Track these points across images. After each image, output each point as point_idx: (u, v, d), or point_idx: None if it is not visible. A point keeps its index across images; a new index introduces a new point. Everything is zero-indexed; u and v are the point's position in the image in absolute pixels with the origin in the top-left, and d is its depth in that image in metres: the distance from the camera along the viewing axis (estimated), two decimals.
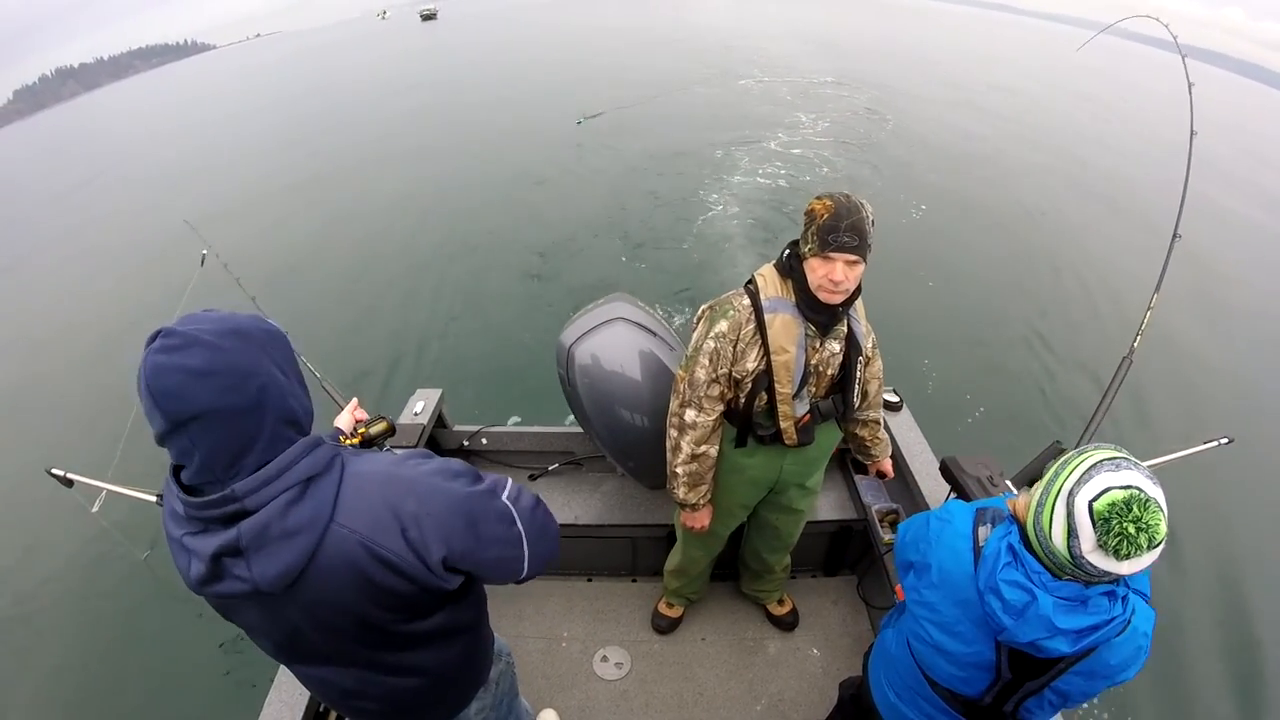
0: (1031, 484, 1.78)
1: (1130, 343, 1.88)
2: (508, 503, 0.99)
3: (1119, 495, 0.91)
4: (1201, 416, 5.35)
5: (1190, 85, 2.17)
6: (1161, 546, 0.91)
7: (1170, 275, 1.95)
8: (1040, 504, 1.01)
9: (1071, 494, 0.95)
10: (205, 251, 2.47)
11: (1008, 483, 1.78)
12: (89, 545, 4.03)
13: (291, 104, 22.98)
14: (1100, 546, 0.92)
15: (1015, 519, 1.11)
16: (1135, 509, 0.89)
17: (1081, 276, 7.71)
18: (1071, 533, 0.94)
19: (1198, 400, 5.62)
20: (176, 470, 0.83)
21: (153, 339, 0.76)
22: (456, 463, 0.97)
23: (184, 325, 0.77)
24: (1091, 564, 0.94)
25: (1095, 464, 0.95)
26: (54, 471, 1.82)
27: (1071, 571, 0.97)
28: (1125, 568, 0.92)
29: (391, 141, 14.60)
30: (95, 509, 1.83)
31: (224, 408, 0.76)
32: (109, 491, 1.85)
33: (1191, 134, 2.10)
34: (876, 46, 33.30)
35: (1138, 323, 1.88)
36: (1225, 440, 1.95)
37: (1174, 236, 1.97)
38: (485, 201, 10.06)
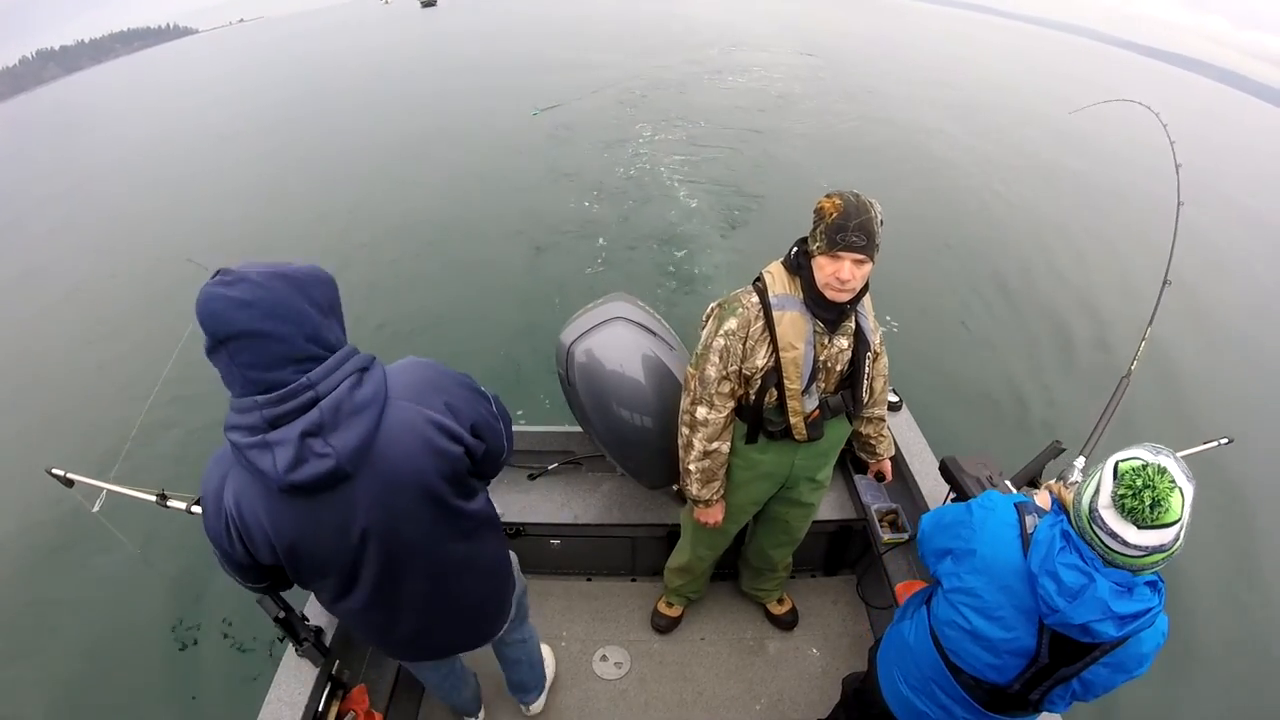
0: (1031, 484, 1.80)
1: (1128, 366, 2.01)
2: (483, 389, 1.24)
3: (1140, 463, 0.99)
4: (1200, 417, 5.35)
5: (1178, 166, 2.40)
6: (1173, 530, 0.96)
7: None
8: (1088, 479, 1.07)
9: (1108, 462, 1.04)
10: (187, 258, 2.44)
11: (1007, 482, 1.78)
12: (88, 545, 4.03)
13: (271, 92, 22.68)
14: (1112, 501, 0.99)
15: (1063, 508, 1.15)
16: (1150, 471, 0.96)
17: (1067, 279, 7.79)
18: (1097, 490, 1.02)
19: (1196, 400, 5.62)
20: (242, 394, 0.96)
21: (214, 275, 0.93)
22: None
23: (240, 266, 0.94)
24: (1103, 520, 1.00)
25: (1141, 444, 1.04)
26: (54, 471, 1.83)
27: (1090, 536, 1.03)
28: (1131, 533, 0.98)
29: (377, 135, 14.42)
30: (96, 509, 1.83)
31: (256, 331, 0.91)
32: (109, 491, 1.85)
33: (1179, 204, 2.34)
34: (846, 34, 34.81)
35: (1131, 334, 2.03)
36: (1225, 440, 1.95)
37: (1164, 282, 2.15)
38: (480, 198, 10.02)
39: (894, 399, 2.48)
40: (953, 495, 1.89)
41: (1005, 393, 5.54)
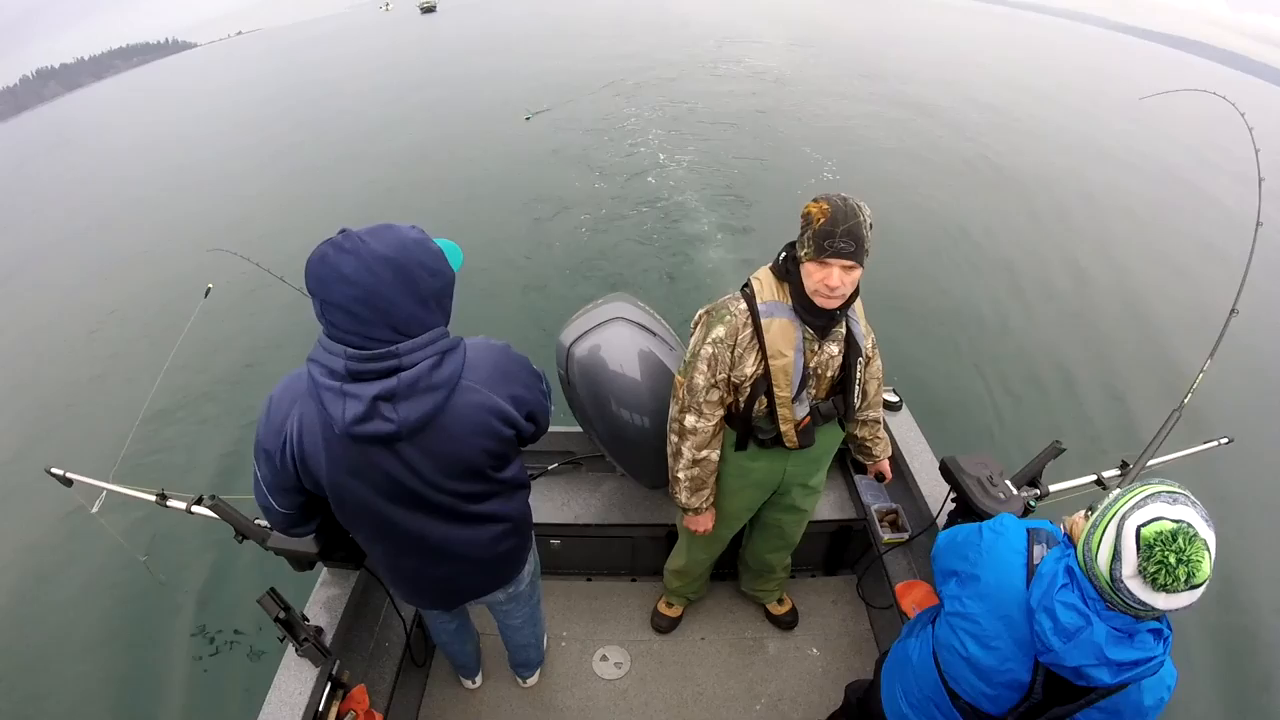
0: (1031, 484, 1.80)
1: (1182, 398, 1.94)
2: (536, 368, 1.34)
3: (1168, 525, 0.90)
4: (1202, 417, 5.34)
5: (1261, 180, 2.20)
6: (1201, 589, 0.90)
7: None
8: (1094, 526, 1.00)
9: (1124, 518, 0.95)
10: (210, 285, 2.69)
11: (1007, 482, 1.78)
12: (88, 545, 4.03)
13: (272, 104, 22.66)
14: (1139, 573, 0.91)
15: (1071, 542, 1.10)
16: (1180, 540, 0.89)
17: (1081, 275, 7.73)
18: (1116, 556, 0.94)
19: (1198, 400, 5.62)
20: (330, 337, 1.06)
21: (339, 231, 1.03)
22: None
23: (364, 233, 1.02)
24: (1129, 590, 0.93)
25: (1153, 494, 0.95)
26: (54, 471, 1.82)
27: (1110, 598, 0.97)
28: (1161, 600, 0.91)
29: (377, 142, 14.42)
30: (95, 509, 1.83)
31: (347, 309, 1.01)
32: (109, 492, 1.85)
33: (1258, 225, 2.17)
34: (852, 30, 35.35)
35: (1185, 367, 1.96)
36: (1225, 440, 1.95)
37: (1232, 311, 2.05)
38: (477, 198, 10.03)
39: (894, 399, 2.47)
40: (953, 495, 1.89)
41: (1027, 401, 5.52)
